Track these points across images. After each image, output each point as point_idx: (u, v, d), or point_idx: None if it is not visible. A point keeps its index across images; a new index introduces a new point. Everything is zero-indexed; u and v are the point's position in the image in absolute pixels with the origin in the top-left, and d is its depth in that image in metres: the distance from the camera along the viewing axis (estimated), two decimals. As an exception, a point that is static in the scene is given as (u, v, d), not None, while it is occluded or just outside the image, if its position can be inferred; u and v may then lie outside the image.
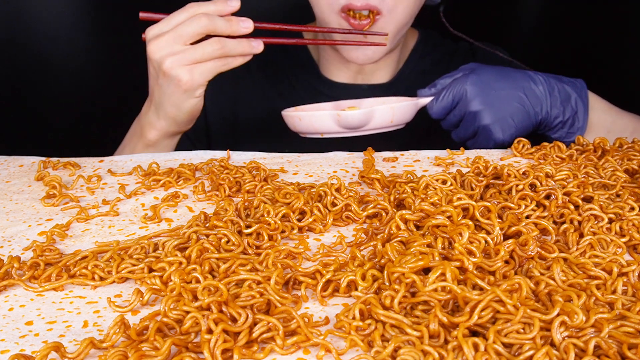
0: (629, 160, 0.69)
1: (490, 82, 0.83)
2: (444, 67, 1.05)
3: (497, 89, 0.83)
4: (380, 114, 0.81)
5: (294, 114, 0.84)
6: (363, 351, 0.42)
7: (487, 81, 0.83)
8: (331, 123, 0.81)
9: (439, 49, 1.08)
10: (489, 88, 0.83)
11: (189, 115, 0.81)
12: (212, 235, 0.54)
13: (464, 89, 0.83)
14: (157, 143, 0.85)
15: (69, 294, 0.50)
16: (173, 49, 0.75)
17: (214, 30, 0.75)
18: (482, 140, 0.84)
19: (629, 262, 0.50)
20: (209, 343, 0.41)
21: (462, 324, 0.41)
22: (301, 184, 0.67)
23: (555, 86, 0.85)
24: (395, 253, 0.50)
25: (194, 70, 0.75)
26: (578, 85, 0.87)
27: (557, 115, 0.86)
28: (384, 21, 0.89)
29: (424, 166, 0.74)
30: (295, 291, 0.49)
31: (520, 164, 0.66)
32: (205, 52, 0.75)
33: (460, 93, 0.83)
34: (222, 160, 0.73)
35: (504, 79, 0.84)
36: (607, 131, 0.88)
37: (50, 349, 0.41)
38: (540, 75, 0.86)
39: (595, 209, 0.57)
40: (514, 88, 0.84)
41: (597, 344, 0.40)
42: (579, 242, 0.53)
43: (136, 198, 0.67)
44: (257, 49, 0.78)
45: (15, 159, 0.77)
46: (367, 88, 1.03)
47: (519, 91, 0.84)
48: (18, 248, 0.57)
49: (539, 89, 0.85)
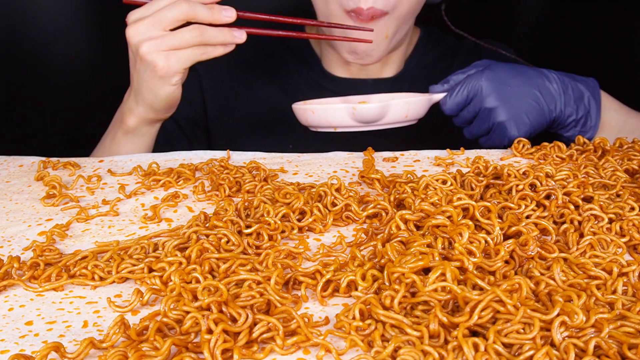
0: (629, 160, 0.69)
1: (506, 78, 0.83)
2: (447, 63, 1.06)
3: (512, 86, 0.83)
4: (396, 108, 0.81)
5: (306, 107, 0.84)
6: (363, 351, 0.42)
7: (502, 78, 0.83)
8: (346, 117, 0.80)
9: (442, 45, 1.08)
10: (504, 85, 0.82)
11: (166, 102, 0.80)
12: (212, 235, 0.54)
13: (479, 85, 0.82)
14: (136, 130, 0.83)
15: (69, 294, 0.50)
16: (151, 33, 0.74)
17: (194, 17, 0.74)
18: (496, 137, 0.84)
19: (629, 262, 0.50)
20: (209, 343, 0.41)
21: (462, 324, 0.41)
22: (301, 184, 0.67)
23: (569, 84, 0.85)
24: (395, 253, 0.50)
25: (170, 56, 0.74)
26: (591, 84, 0.87)
27: (570, 114, 0.86)
28: (387, 19, 0.88)
29: (424, 166, 0.74)
30: (295, 291, 0.49)
31: (520, 164, 0.66)
32: (183, 39, 0.74)
33: (475, 89, 0.83)
34: (222, 160, 0.73)
35: (519, 76, 0.84)
36: (619, 131, 0.89)
37: (50, 349, 0.41)
38: (554, 73, 0.86)
39: (596, 209, 0.57)
40: (529, 85, 0.83)
41: (597, 344, 0.40)
42: (579, 242, 0.53)
43: (136, 198, 0.67)
44: (240, 39, 0.76)
45: (15, 159, 0.77)
46: (372, 83, 1.02)
47: (534, 88, 0.84)
48: (18, 248, 0.57)
49: (553, 87, 0.84)
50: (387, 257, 0.50)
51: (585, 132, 0.87)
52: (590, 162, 0.71)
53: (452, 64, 1.06)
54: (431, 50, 1.07)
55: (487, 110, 0.83)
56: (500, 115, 0.82)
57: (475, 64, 0.88)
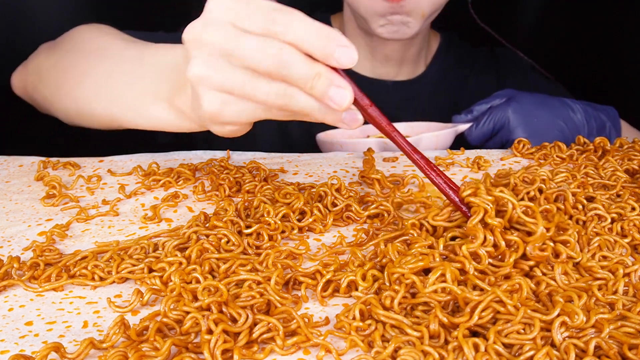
0: (629, 160, 0.69)
1: (532, 110, 0.83)
2: (467, 69, 1.06)
3: (538, 117, 0.83)
4: (426, 142, 0.81)
5: (334, 141, 0.83)
6: (363, 351, 0.42)
7: (528, 110, 0.83)
8: (376, 149, 0.79)
9: (461, 49, 1.08)
10: (530, 116, 0.83)
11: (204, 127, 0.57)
12: (212, 236, 0.54)
13: (506, 117, 0.82)
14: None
15: (69, 294, 0.50)
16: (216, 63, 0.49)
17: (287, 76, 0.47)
18: None
19: (632, 263, 0.50)
20: (209, 343, 0.41)
21: (463, 325, 0.41)
22: (301, 184, 0.67)
23: (592, 115, 0.86)
24: (397, 253, 0.50)
25: (228, 103, 0.50)
26: (611, 114, 0.88)
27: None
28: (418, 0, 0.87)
29: (424, 166, 0.74)
30: (295, 291, 0.49)
31: (520, 164, 0.66)
32: (258, 91, 0.49)
33: (502, 121, 0.83)
34: (222, 160, 0.73)
35: (544, 107, 0.84)
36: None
37: (50, 349, 0.41)
38: (577, 103, 0.86)
39: (600, 208, 0.56)
40: (555, 116, 0.83)
41: (598, 344, 0.40)
42: (589, 243, 0.53)
43: (136, 198, 0.66)
44: (349, 125, 0.50)
45: (15, 159, 0.77)
46: (391, 85, 1.02)
47: (559, 119, 0.84)
48: (18, 248, 0.57)
49: (577, 118, 0.85)
50: (388, 257, 0.50)
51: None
52: (590, 162, 0.71)
53: (471, 69, 1.06)
54: (451, 54, 1.07)
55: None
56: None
57: (497, 93, 0.87)
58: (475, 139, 0.85)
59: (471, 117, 0.86)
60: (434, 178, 0.52)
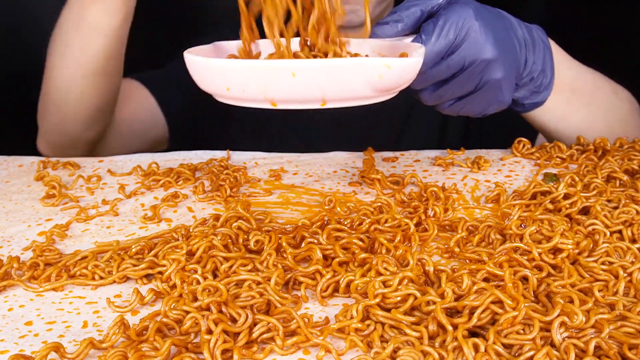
0: (629, 161, 0.69)
1: (491, 18, 0.60)
2: None
3: (499, 30, 0.60)
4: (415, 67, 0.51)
5: (278, 65, 0.46)
6: (363, 352, 0.42)
7: (488, 17, 0.59)
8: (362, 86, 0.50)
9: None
10: (494, 28, 0.59)
11: None
12: (221, 234, 0.54)
13: (470, 25, 0.58)
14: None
15: (69, 294, 0.50)
16: None
17: None
18: (480, 101, 0.61)
19: (632, 263, 0.50)
20: (208, 343, 0.41)
21: (462, 325, 0.41)
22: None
23: (525, 28, 0.65)
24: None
25: None
26: (540, 33, 0.67)
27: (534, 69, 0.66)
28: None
29: (424, 166, 0.74)
30: (295, 291, 0.49)
31: (520, 164, 0.65)
32: None
33: (464, 31, 0.58)
34: (222, 160, 0.73)
35: (498, 15, 0.62)
36: (572, 92, 0.71)
37: (50, 349, 0.41)
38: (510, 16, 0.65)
39: (598, 224, 0.54)
40: (508, 29, 0.62)
41: (598, 344, 0.40)
42: (594, 249, 0.51)
43: (136, 198, 0.66)
44: None
45: (15, 159, 0.77)
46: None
47: (512, 34, 0.62)
48: (17, 248, 0.57)
49: (519, 32, 0.64)
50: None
51: (538, 93, 0.68)
52: (590, 162, 0.71)
53: None
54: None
55: (484, 63, 0.59)
56: (497, 71, 0.60)
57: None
58: (426, 61, 0.56)
59: (402, 25, 0.59)
60: None
